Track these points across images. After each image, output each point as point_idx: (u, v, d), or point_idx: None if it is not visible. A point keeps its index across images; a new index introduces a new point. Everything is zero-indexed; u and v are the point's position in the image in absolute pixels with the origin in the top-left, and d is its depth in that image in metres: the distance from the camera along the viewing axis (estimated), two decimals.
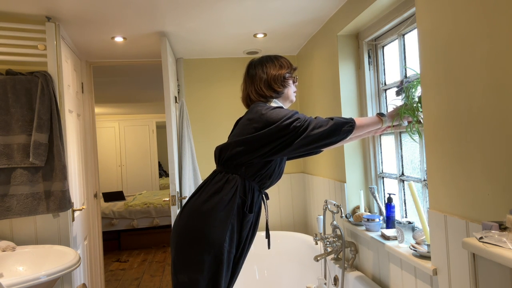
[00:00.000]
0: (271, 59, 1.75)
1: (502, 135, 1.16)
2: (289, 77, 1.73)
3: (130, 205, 5.64)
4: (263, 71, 1.71)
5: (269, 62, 1.73)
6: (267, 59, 1.75)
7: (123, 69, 3.79)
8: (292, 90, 1.77)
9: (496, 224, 0.99)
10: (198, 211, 1.59)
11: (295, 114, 1.57)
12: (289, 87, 1.75)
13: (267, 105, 1.67)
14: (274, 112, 1.58)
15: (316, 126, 1.55)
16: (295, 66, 1.79)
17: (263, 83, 1.70)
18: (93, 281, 3.11)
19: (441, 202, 1.48)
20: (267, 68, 1.71)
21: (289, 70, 1.74)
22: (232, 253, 1.59)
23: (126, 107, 6.52)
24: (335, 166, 2.63)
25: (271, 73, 1.70)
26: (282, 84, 1.71)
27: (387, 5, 1.99)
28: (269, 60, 1.74)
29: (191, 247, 1.55)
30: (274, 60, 1.74)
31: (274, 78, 1.70)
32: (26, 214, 2.07)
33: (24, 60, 2.22)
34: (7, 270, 1.90)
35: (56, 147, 2.13)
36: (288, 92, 1.75)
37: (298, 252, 3.05)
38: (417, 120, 1.77)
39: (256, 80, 1.71)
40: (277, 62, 1.73)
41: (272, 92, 1.70)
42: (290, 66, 1.75)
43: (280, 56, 1.78)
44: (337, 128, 1.57)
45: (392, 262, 1.94)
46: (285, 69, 1.73)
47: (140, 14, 2.30)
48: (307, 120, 1.56)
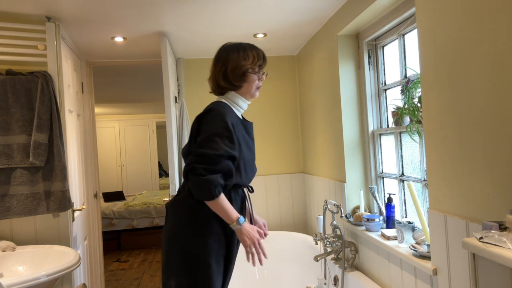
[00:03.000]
0: (237, 48, 1.60)
1: (502, 135, 1.16)
2: (251, 72, 1.59)
3: (130, 205, 5.64)
4: (225, 59, 1.59)
5: (234, 52, 1.59)
6: (234, 47, 1.61)
7: (123, 69, 3.79)
8: (253, 86, 1.62)
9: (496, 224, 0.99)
10: (179, 214, 1.58)
11: (205, 158, 1.45)
12: (249, 82, 1.61)
13: (216, 113, 1.52)
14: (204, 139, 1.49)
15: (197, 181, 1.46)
16: (262, 62, 1.63)
17: (222, 74, 1.59)
18: (93, 281, 3.11)
19: (441, 202, 1.48)
20: (229, 57, 1.58)
21: (253, 65, 1.59)
22: (220, 253, 1.56)
23: (126, 107, 6.52)
24: (335, 166, 2.63)
25: (231, 65, 1.57)
26: (241, 78, 1.58)
27: (387, 5, 1.99)
28: (235, 50, 1.60)
29: (177, 251, 1.54)
30: (240, 50, 1.60)
31: (232, 70, 1.57)
32: (26, 214, 2.07)
33: (24, 60, 2.22)
34: (7, 270, 1.90)
35: (56, 147, 2.13)
36: (248, 87, 1.61)
37: (298, 252, 3.05)
38: (417, 120, 1.77)
39: (217, 67, 1.61)
40: (243, 53, 1.59)
41: (228, 84, 1.60)
42: (255, 60, 1.60)
43: (253, 46, 1.63)
44: (201, 189, 1.46)
45: (392, 262, 1.94)
46: (249, 62, 1.58)
47: (140, 14, 2.30)
48: (202, 171, 1.45)
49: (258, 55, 1.62)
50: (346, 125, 2.45)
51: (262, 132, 3.48)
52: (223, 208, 1.50)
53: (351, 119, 2.45)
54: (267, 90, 3.49)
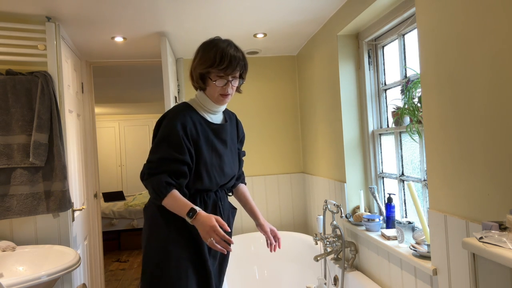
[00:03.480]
0: (203, 47, 1.52)
1: (502, 135, 1.16)
2: (210, 77, 1.49)
3: (130, 205, 5.64)
4: (194, 57, 1.55)
5: (199, 51, 1.52)
6: (202, 46, 1.53)
7: (123, 69, 3.79)
8: (215, 92, 1.50)
9: (496, 224, 0.99)
10: (144, 221, 1.59)
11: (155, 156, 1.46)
12: (210, 87, 1.50)
13: (170, 117, 1.50)
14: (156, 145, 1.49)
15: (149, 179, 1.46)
16: (226, 67, 1.45)
17: (190, 71, 1.57)
18: (93, 281, 3.11)
19: (441, 202, 1.48)
20: (196, 55, 1.54)
21: (209, 69, 1.47)
22: (185, 259, 1.48)
23: (126, 107, 6.51)
24: (335, 166, 2.63)
25: (193, 64, 1.54)
26: (201, 82, 1.52)
27: (387, 5, 1.99)
28: (201, 48, 1.53)
29: (145, 262, 1.52)
30: (203, 50, 1.51)
31: (192, 70, 1.55)
32: (26, 214, 2.07)
33: (24, 60, 2.22)
34: (7, 270, 1.90)
35: (56, 147, 2.13)
36: (210, 91, 1.51)
37: (298, 252, 3.05)
38: (417, 120, 1.77)
39: (191, 64, 1.57)
40: (204, 53, 1.49)
41: (194, 83, 1.57)
42: (215, 64, 1.45)
43: (220, 47, 1.47)
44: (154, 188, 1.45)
45: (392, 262, 1.94)
46: (204, 66, 1.47)
47: (140, 14, 2.30)
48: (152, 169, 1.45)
49: (222, 60, 1.45)
50: (346, 125, 2.45)
51: (262, 132, 3.48)
52: (175, 205, 1.43)
53: (351, 119, 2.45)
54: (267, 90, 3.49)
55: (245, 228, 3.41)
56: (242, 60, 1.51)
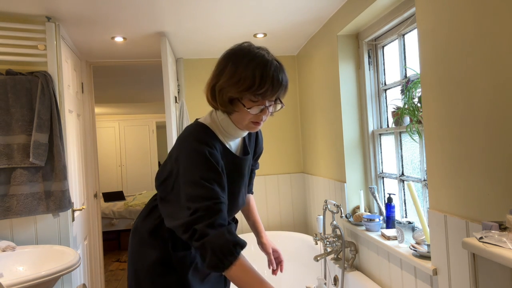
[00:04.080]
0: (240, 61, 1.14)
1: (502, 135, 1.16)
2: (243, 102, 1.15)
3: (130, 205, 5.64)
4: (221, 71, 1.17)
5: (233, 65, 1.14)
6: (238, 58, 1.15)
7: (123, 69, 3.79)
8: (246, 119, 1.18)
9: (496, 224, 0.99)
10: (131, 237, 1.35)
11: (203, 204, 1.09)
12: (240, 112, 1.17)
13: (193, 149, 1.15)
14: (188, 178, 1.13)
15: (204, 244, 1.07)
16: (268, 89, 1.12)
17: (211, 87, 1.20)
18: (93, 281, 3.11)
19: (441, 202, 1.48)
20: (225, 70, 1.16)
21: (245, 93, 1.13)
22: None
23: (126, 107, 6.51)
24: (335, 166, 2.63)
25: (220, 83, 1.16)
26: (228, 105, 1.17)
27: (387, 5, 1.99)
28: (237, 62, 1.14)
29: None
30: (240, 65, 1.13)
31: (219, 90, 1.16)
32: (26, 214, 2.07)
33: (24, 60, 2.22)
34: (7, 270, 1.90)
35: (56, 147, 2.13)
36: (238, 118, 1.19)
37: (298, 252, 3.04)
38: (417, 120, 1.77)
39: (211, 75, 1.22)
40: (240, 73, 1.12)
41: (215, 104, 1.21)
42: (254, 86, 1.11)
43: (263, 64, 1.13)
44: (213, 263, 1.07)
45: (392, 262, 1.94)
46: (241, 89, 1.12)
47: (140, 14, 2.30)
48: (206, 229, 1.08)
49: (262, 81, 1.11)
50: (346, 125, 2.45)
51: (262, 132, 3.47)
52: (246, 280, 1.07)
53: (351, 119, 2.45)
54: None
55: (245, 229, 3.41)
56: (286, 81, 1.18)
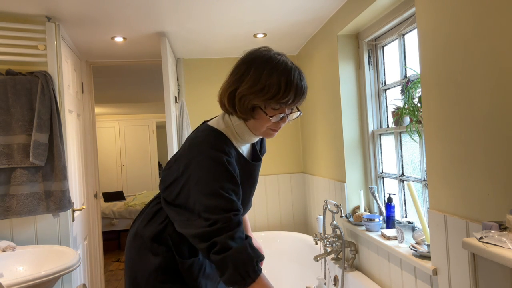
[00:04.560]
0: (262, 68, 1.12)
1: (502, 135, 1.16)
2: (264, 111, 1.15)
3: (130, 205, 5.64)
4: (242, 76, 1.15)
5: (256, 72, 1.12)
6: (260, 66, 1.13)
7: (123, 69, 3.79)
8: (264, 126, 1.18)
9: (496, 224, 0.99)
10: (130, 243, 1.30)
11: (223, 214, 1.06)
12: (259, 120, 1.17)
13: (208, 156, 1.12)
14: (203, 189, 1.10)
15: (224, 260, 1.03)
16: (292, 98, 1.12)
17: (229, 93, 1.17)
18: (93, 281, 3.11)
19: (441, 202, 1.48)
20: (248, 75, 1.14)
21: (270, 101, 1.12)
22: None
23: (126, 107, 6.51)
24: (335, 166, 2.63)
25: (242, 89, 1.13)
26: (249, 112, 1.16)
27: (387, 5, 1.99)
28: (259, 70, 1.12)
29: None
30: (264, 72, 1.11)
31: (240, 97, 1.14)
32: (26, 214, 2.07)
33: (24, 60, 2.22)
34: (7, 270, 1.90)
35: (56, 147, 2.13)
36: (256, 124, 1.18)
37: (298, 252, 3.05)
38: (417, 120, 1.77)
39: (230, 78, 1.19)
40: (265, 81, 1.10)
41: (233, 110, 1.19)
42: (279, 94, 1.10)
43: (288, 71, 1.12)
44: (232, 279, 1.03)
45: (392, 262, 1.94)
46: (266, 97, 1.11)
47: (140, 14, 2.30)
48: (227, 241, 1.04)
49: (287, 90, 1.11)
50: (346, 125, 2.45)
51: None
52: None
53: (351, 119, 2.45)
54: None
55: None
56: (307, 88, 1.18)
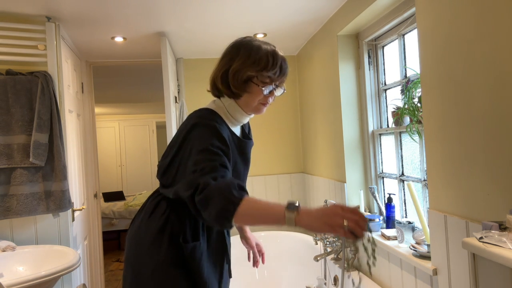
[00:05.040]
0: (251, 47, 1.27)
1: (502, 135, 1.16)
2: (256, 82, 1.26)
3: (130, 205, 5.64)
4: (232, 57, 1.28)
5: (246, 50, 1.26)
6: (249, 45, 1.28)
7: (123, 69, 3.79)
8: (256, 100, 1.28)
9: (496, 224, 0.99)
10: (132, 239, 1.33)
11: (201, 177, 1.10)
12: (251, 94, 1.27)
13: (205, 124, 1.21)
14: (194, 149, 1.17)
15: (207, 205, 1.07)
16: (277, 72, 1.26)
17: (222, 73, 1.28)
18: (93, 281, 3.11)
19: (441, 202, 1.48)
20: (237, 55, 1.27)
21: (261, 73, 1.25)
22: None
23: (126, 107, 6.51)
24: (335, 166, 2.63)
25: (235, 66, 1.25)
26: (241, 86, 1.26)
27: (387, 5, 1.99)
28: (248, 48, 1.27)
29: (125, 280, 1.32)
30: (253, 49, 1.26)
31: (234, 73, 1.25)
32: (26, 214, 2.07)
33: (24, 60, 2.22)
34: (7, 270, 1.90)
35: (56, 147, 2.13)
36: (248, 99, 1.28)
37: (298, 252, 3.05)
38: (417, 120, 1.77)
39: (220, 64, 1.31)
40: (255, 54, 1.25)
41: (225, 89, 1.29)
42: (268, 67, 1.24)
43: (274, 51, 1.27)
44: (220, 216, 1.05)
45: (392, 262, 1.94)
46: (256, 69, 1.24)
47: (140, 14, 2.30)
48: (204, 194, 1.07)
49: (274, 62, 1.25)
50: (346, 125, 2.45)
51: (262, 132, 3.47)
52: (259, 208, 1.04)
53: (351, 119, 2.45)
54: None
55: None
56: (288, 67, 1.31)
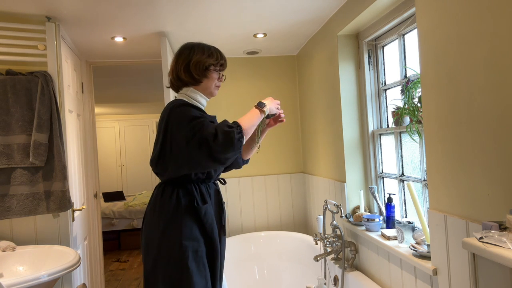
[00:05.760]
0: (202, 46, 1.67)
1: (502, 135, 1.17)
2: (213, 69, 1.65)
3: (130, 205, 5.64)
4: (189, 54, 1.64)
5: (199, 48, 1.65)
6: (199, 45, 1.68)
7: (123, 69, 3.79)
8: (213, 84, 1.68)
9: (496, 224, 0.99)
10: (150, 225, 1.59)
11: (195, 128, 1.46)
12: (210, 79, 1.66)
13: (177, 105, 1.56)
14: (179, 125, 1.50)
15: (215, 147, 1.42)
16: (224, 62, 1.70)
17: (184, 66, 1.63)
18: (93, 281, 3.11)
19: (441, 202, 1.48)
20: (194, 52, 1.64)
21: (215, 63, 1.65)
22: (201, 252, 1.56)
23: (126, 107, 6.51)
24: (335, 166, 2.63)
25: (195, 58, 1.62)
26: (203, 73, 1.63)
27: (387, 5, 1.99)
28: (200, 46, 1.66)
29: (156, 262, 1.54)
30: (205, 47, 1.67)
31: (196, 64, 1.62)
32: (26, 214, 2.07)
33: (24, 60, 2.22)
34: (7, 270, 1.90)
35: (56, 147, 2.13)
36: (208, 83, 1.66)
37: (298, 252, 3.05)
38: (417, 120, 1.77)
39: (179, 61, 1.65)
40: (207, 50, 1.65)
41: (189, 78, 1.63)
42: (218, 59, 1.66)
43: (216, 48, 1.70)
44: (227, 139, 1.43)
45: (392, 262, 1.94)
46: (212, 59, 1.64)
47: (140, 14, 2.30)
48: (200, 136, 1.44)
49: (221, 56, 1.69)
50: (346, 125, 2.45)
51: None
52: (249, 118, 1.55)
53: (351, 119, 2.45)
54: (268, 90, 3.49)
55: (245, 228, 3.41)
56: None
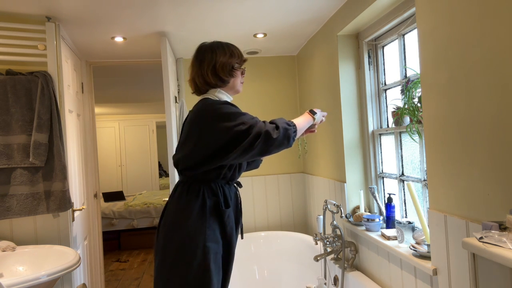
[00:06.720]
0: (222, 46, 1.68)
1: (502, 135, 1.16)
2: (237, 68, 1.68)
3: (130, 205, 5.64)
4: (212, 57, 1.64)
5: (220, 49, 1.66)
6: (218, 45, 1.68)
7: (123, 69, 3.79)
8: (239, 81, 1.71)
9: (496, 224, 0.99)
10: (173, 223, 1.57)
11: (245, 119, 1.51)
12: (236, 77, 1.69)
13: (214, 102, 1.58)
14: (223, 116, 1.52)
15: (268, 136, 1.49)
16: (245, 57, 1.74)
17: (210, 70, 1.63)
18: (93, 281, 3.11)
19: (441, 202, 1.48)
20: (216, 54, 1.64)
21: (239, 61, 1.69)
22: (219, 254, 1.57)
23: (126, 107, 6.52)
24: (335, 166, 2.63)
25: (220, 60, 1.63)
26: (230, 73, 1.65)
27: (387, 5, 1.99)
28: (220, 47, 1.66)
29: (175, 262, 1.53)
30: (225, 47, 1.67)
31: (222, 66, 1.63)
32: (26, 214, 2.07)
33: (24, 60, 2.22)
34: (7, 270, 1.90)
35: (56, 147, 2.13)
36: (235, 82, 1.69)
37: (298, 252, 3.05)
38: (417, 120, 1.77)
39: (204, 65, 1.64)
40: (228, 50, 1.67)
41: (217, 80, 1.64)
42: (240, 56, 1.69)
43: (232, 44, 1.71)
44: (286, 135, 1.52)
45: (392, 262, 1.94)
46: (235, 58, 1.67)
47: (140, 14, 2.30)
48: (258, 126, 1.50)
49: (240, 52, 1.72)
50: (346, 125, 2.45)
51: None
52: (302, 127, 1.66)
53: (351, 119, 2.45)
54: (268, 90, 3.49)
55: (245, 228, 3.41)
56: None
